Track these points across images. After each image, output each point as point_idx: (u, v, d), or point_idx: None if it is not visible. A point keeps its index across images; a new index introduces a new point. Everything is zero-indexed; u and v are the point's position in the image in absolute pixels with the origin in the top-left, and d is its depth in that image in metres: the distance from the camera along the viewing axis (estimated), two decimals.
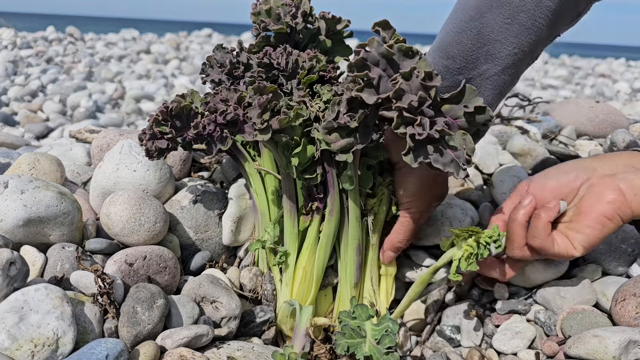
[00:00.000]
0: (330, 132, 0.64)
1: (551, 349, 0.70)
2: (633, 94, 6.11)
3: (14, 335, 0.55)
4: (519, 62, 0.61)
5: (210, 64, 0.83)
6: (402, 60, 0.61)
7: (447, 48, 0.63)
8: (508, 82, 0.63)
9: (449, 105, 0.60)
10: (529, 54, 0.60)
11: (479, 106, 0.59)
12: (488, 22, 0.59)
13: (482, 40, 0.60)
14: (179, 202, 0.85)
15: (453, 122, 0.60)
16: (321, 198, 0.76)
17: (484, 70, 0.61)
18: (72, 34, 7.13)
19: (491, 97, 0.63)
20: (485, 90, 0.63)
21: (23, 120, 3.21)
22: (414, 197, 0.74)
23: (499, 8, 0.58)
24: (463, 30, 0.61)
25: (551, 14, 0.57)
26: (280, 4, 0.80)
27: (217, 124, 0.68)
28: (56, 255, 0.70)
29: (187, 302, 0.70)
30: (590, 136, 1.22)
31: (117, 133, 0.97)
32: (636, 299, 0.67)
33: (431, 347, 0.83)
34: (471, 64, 0.62)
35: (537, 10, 0.57)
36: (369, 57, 0.61)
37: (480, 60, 0.61)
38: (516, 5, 0.57)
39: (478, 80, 0.63)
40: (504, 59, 0.60)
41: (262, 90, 0.67)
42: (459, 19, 0.62)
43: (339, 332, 0.62)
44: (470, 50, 0.61)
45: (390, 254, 0.78)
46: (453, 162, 0.59)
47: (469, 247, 0.66)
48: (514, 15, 0.57)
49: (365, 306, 0.65)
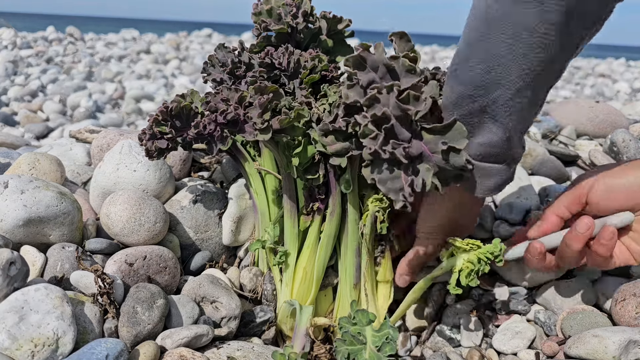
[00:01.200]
0: (327, 134, 0.63)
1: (551, 349, 0.70)
2: (633, 94, 6.11)
3: (14, 335, 0.55)
4: (532, 83, 0.56)
5: (212, 63, 0.83)
6: (404, 75, 0.59)
7: (459, 74, 0.59)
8: (526, 106, 0.57)
9: (431, 135, 0.57)
10: (543, 73, 0.55)
11: (453, 147, 0.55)
12: (491, 45, 0.55)
13: (488, 65, 0.56)
14: (179, 202, 0.85)
15: (430, 155, 0.57)
16: (322, 199, 0.76)
17: (497, 96, 0.57)
18: (72, 34, 7.13)
19: (511, 124, 0.58)
20: (502, 117, 0.58)
21: (23, 120, 3.21)
22: (437, 228, 0.71)
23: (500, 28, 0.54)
24: (469, 54, 0.57)
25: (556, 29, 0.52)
26: (281, 4, 0.80)
27: (218, 124, 0.68)
28: (56, 255, 0.70)
29: (187, 302, 0.70)
30: (590, 136, 1.22)
31: (117, 133, 0.97)
32: (636, 299, 0.67)
33: (431, 347, 0.82)
34: (482, 90, 0.57)
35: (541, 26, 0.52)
36: (368, 59, 0.60)
37: (490, 86, 0.57)
38: (517, 22, 0.53)
39: (493, 107, 0.57)
40: (515, 82, 0.55)
41: (262, 90, 0.67)
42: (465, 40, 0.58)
43: (339, 339, 0.62)
44: (480, 75, 0.57)
45: (405, 278, 0.75)
46: (400, 190, 0.57)
47: (469, 264, 0.65)
48: (517, 35, 0.53)
49: (366, 311, 0.65)
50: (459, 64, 0.58)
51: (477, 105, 0.58)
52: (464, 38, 0.58)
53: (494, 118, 0.58)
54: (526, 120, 0.59)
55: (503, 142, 0.59)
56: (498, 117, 0.58)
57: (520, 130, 0.60)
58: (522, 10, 0.52)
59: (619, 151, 1.01)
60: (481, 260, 0.65)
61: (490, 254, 0.65)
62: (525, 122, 0.59)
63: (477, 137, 0.60)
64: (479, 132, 0.60)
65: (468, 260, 0.65)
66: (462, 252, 0.67)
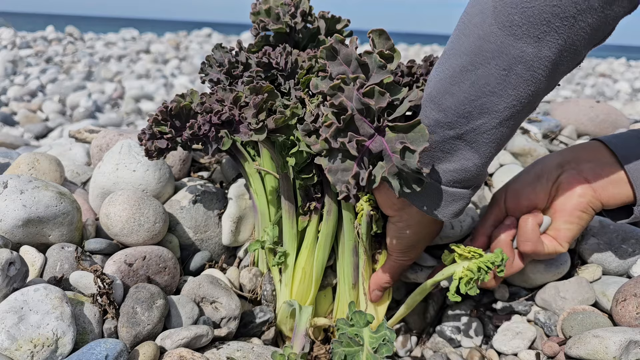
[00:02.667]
0: (309, 134, 0.63)
1: (552, 349, 0.70)
2: (633, 93, 6.11)
3: (14, 336, 0.55)
4: (518, 114, 0.56)
5: (209, 64, 0.83)
6: (375, 70, 0.58)
7: (438, 99, 0.58)
8: (506, 134, 0.58)
9: (394, 134, 0.56)
10: (528, 105, 0.56)
11: (408, 146, 0.54)
12: (483, 74, 0.54)
13: (477, 93, 0.55)
14: (179, 202, 0.85)
15: (390, 155, 0.56)
16: (319, 198, 0.76)
17: (479, 124, 0.56)
18: (72, 33, 7.13)
19: (488, 151, 0.59)
20: (482, 144, 0.58)
21: (22, 120, 3.21)
22: (408, 249, 0.73)
23: (495, 59, 0.53)
24: (455, 81, 0.56)
25: (550, 64, 0.53)
26: (279, 4, 0.80)
27: (212, 124, 0.67)
28: (55, 255, 0.70)
29: (187, 303, 0.70)
30: (590, 136, 1.22)
31: (117, 133, 0.97)
32: (637, 299, 0.67)
33: (431, 347, 0.82)
34: (463, 118, 0.57)
35: (536, 61, 0.52)
36: (340, 51, 0.59)
37: (473, 115, 0.56)
38: (513, 56, 0.52)
39: (472, 135, 0.57)
40: (502, 112, 0.55)
41: (258, 90, 0.66)
42: (451, 66, 0.57)
43: (336, 340, 0.62)
44: (463, 103, 0.56)
45: (377, 294, 0.77)
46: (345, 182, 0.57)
47: (469, 272, 0.65)
48: (511, 67, 0.53)
49: (363, 312, 0.65)
50: (441, 90, 0.58)
51: (453, 132, 0.58)
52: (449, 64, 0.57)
53: (471, 145, 0.58)
54: (500, 148, 0.61)
55: (477, 168, 0.60)
56: (476, 144, 0.58)
57: (493, 157, 0.61)
58: (521, 45, 0.52)
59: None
60: (481, 269, 0.65)
61: (490, 264, 0.65)
62: (499, 149, 0.61)
63: (449, 163, 0.60)
64: (452, 159, 0.60)
65: (468, 269, 0.65)
66: (463, 260, 0.67)
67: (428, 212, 0.64)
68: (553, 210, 0.72)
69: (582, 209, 0.70)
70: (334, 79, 0.60)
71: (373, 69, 0.58)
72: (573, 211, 0.70)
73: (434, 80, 0.59)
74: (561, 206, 0.71)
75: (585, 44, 0.53)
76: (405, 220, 0.69)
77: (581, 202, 0.69)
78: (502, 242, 0.73)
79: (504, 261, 0.65)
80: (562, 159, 0.73)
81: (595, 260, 0.80)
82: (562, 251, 0.71)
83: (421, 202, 0.63)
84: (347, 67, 0.60)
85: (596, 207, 0.70)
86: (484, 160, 0.60)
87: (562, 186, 0.71)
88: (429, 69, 0.68)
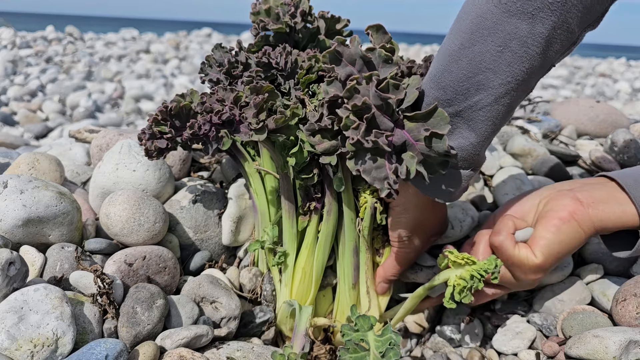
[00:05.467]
0: (314, 134, 0.63)
1: (551, 349, 0.69)
2: (634, 93, 6.11)
3: (14, 336, 0.55)
4: (513, 92, 0.58)
5: (209, 64, 0.83)
6: (381, 65, 0.59)
7: (438, 78, 0.60)
8: (503, 113, 0.59)
9: (413, 123, 0.57)
10: (522, 83, 0.57)
11: (435, 132, 0.55)
12: (479, 51, 0.56)
13: (474, 70, 0.57)
14: (179, 202, 0.85)
15: (414, 143, 0.57)
16: (319, 198, 0.76)
17: (476, 101, 0.58)
18: (72, 33, 7.13)
19: (484, 129, 0.60)
20: (478, 122, 0.60)
21: (22, 120, 3.21)
22: (407, 236, 0.73)
23: (491, 36, 0.55)
24: (454, 58, 0.58)
25: (544, 41, 0.54)
26: (279, 4, 0.80)
27: (213, 124, 0.67)
28: (55, 255, 0.70)
29: (187, 303, 0.70)
30: (591, 136, 1.22)
31: (117, 133, 0.97)
32: (637, 299, 0.67)
33: (431, 347, 0.82)
34: (461, 95, 0.58)
35: (530, 38, 0.54)
36: (344, 53, 0.60)
37: (470, 91, 0.58)
38: (508, 32, 0.54)
39: (469, 112, 0.59)
40: (497, 88, 0.57)
41: (258, 89, 0.66)
42: (451, 45, 0.59)
43: (343, 348, 0.62)
44: (461, 80, 0.58)
45: (384, 286, 0.77)
46: (385, 179, 0.57)
47: (462, 281, 0.64)
48: (506, 43, 0.55)
49: (367, 316, 0.64)
50: (440, 69, 0.60)
51: (452, 109, 0.60)
52: (449, 43, 0.59)
53: (468, 123, 0.60)
54: (497, 128, 0.61)
55: (473, 147, 0.61)
56: (473, 121, 0.60)
57: (490, 138, 0.62)
58: (515, 21, 0.54)
59: (619, 151, 1.01)
60: (474, 277, 0.63)
61: (484, 272, 0.63)
62: (496, 129, 0.61)
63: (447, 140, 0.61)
64: (450, 137, 0.61)
65: (461, 277, 0.64)
66: (457, 266, 0.66)
67: (426, 192, 0.65)
68: (537, 222, 0.70)
69: (563, 218, 0.66)
70: (343, 81, 0.60)
71: (378, 64, 0.59)
72: (552, 219, 0.67)
73: (435, 61, 0.61)
74: (543, 215, 0.69)
75: (578, 22, 0.55)
76: (402, 203, 0.70)
77: (564, 211, 0.66)
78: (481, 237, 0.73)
79: (497, 268, 0.64)
80: (558, 184, 0.73)
81: (595, 260, 0.80)
82: (535, 262, 0.67)
83: (418, 182, 0.65)
84: (352, 67, 0.60)
85: (584, 223, 0.66)
86: (481, 140, 0.61)
87: (550, 199, 0.70)
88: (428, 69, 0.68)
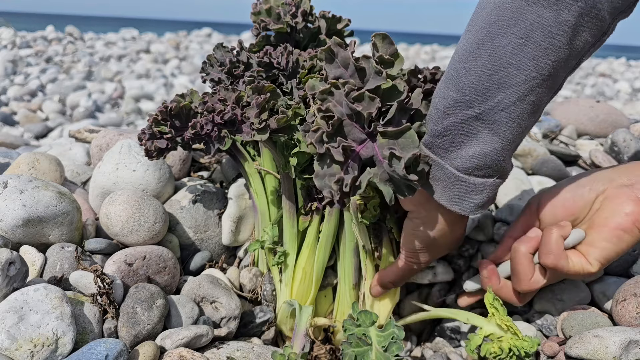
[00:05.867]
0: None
1: (552, 349, 0.69)
2: (634, 93, 6.11)
3: (14, 336, 0.55)
4: (538, 88, 0.52)
5: (210, 63, 0.83)
6: (372, 76, 0.57)
7: (456, 77, 0.55)
8: (528, 113, 0.54)
9: (385, 140, 0.55)
10: (548, 79, 0.52)
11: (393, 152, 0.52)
12: (499, 45, 0.51)
13: (494, 66, 0.52)
14: (179, 202, 0.85)
15: (381, 160, 0.54)
16: (320, 198, 0.76)
17: (498, 101, 0.53)
18: (72, 33, 7.13)
19: (509, 132, 0.55)
20: (502, 124, 0.54)
21: (22, 120, 3.21)
22: (419, 250, 0.68)
23: (512, 27, 0.50)
24: (472, 55, 0.53)
25: (570, 30, 0.49)
26: (280, 4, 0.80)
27: (215, 124, 0.67)
28: (55, 255, 0.70)
29: (187, 302, 0.70)
30: (591, 136, 1.22)
31: (117, 133, 0.97)
32: (637, 299, 0.67)
33: (431, 347, 0.82)
34: (481, 95, 0.53)
35: (555, 27, 0.49)
36: (339, 54, 0.59)
37: (491, 91, 0.53)
38: (531, 22, 0.49)
39: (491, 114, 0.54)
40: (521, 85, 0.52)
41: (260, 89, 0.66)
42: (468, 42, 0.54)
43: (345, 342, 0.62)
44: (480, 79, 0.53)
45: (378, 289, 0.74)
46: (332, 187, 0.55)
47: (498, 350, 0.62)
48: (529, 34, 0.49)
49: (369, 312, 0.65)
50: (458, 67, 0.55)
51: (472, 112, 0.54)
52: (466, 39, 0.55)
53: (490, 126, 0.55)
54: (523, 131, 0.56)
55: (497, 152, 0.56)
56: (496, 124, 0.54)
57: (515, 142, 0.57)
58: (538, 9, 0.49)
59: (619, 151, 1.01)
60: (512, 352, 0.61)
61: (523, 350, 0.61)
62: (522, 133, 0.56)
63: (467, 147, 0.56)
64: (470, 143, 0.56)
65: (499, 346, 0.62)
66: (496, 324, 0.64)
67: (447, 204, 0.59)
68: (590, 224, 0.64)
69: (626, 229, 0.60)
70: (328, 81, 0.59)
71: (370, 74, 0.57)
72: (614, 229, 0.61)
73: (453, 59, 0.56)
74: (602, 221, 0.62)
75: (609, 8, 0.49)
76: (422, 217, 0.65)
77: (627, 220, 0.60)
78: (520, 254, 0.66)
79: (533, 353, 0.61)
80: (614, 172, 0.65)
81: None
82: (591, 271, 0.62)
83: (440, 194, 0.60)
84: (345, 70, 0.59)
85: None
86: (505, 144, 0.55)
87: (608, 200, 0.63)
88: None
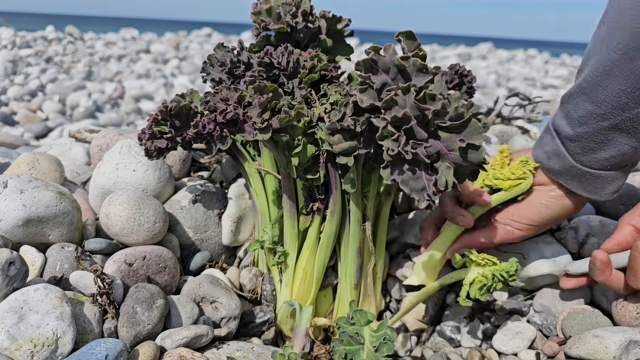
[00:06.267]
0: (334, 133, 0.63)
1: (552, 349, 0.69)
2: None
3: (14, 336, 0.55)
4: None
5: (211, 63, 0.83)
6: (415, 74, 0.59)
7: (590, 91, 0.58)
8: None
9: (447, 134, 0.57)
10: None
11: (472, 144, 0.55)
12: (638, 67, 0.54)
13: (633, 85, 0.55)
14: (179, 202, 0.85)
15: (447, 153, 0.57)
16: (322, 199, 0.76)
17: (637, 113, 0.57)
18: (72, 33, 7.13)
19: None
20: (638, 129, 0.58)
21: (22, 120, 3.21)
22: (529, 223, 0.71)
23: None
24: (608, 74, 0.56)
25: None
26: (280, 4, 0.80)
27: (217, 123, 0.67)
28: (55, 255, 0.70)
29: (187, 302, 0.70)
30: None
31: (117, 133, 0.97)
32: (637, 299, 0.67)
33: (431, 347, 0.82)
34: (618, 109, 0.57)
35: None
36: (379, 61, 0.60)
37: (629, 105, 0.56)
38: None
39: (628, 123, 0.58)
40: None
41: (262, 89, 0.66)
42: (603, 59, 0.57)
43: (337, 339, 0.62)
44: (618, 95, 0.56)
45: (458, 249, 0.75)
46: (422, 190, 0.57)
47: (483, 278, 0.66)
48: None
49: (364, 311, 0.65)
50: (592, 83, 0.58)
51: (607, 123, 0.58)
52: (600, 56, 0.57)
53: (627, 132, 0.58)
54: None
55: (634, 149, 0.60)
56: (634, 130, 0.58)
57: None
58: None
59: None
60: (495, 277, 0.66)
61: (505, 272, 0.65)
62: None
63: (603, 152, 0.61)
64: (606, 148, 0.60)
65: (482, 275, 0.66)
66: (476, 266, 0.68)
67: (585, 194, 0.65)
68: None
69: None
70: (378, 90, 0.60)
71: (412, 72, 0.59)
72: None
73: (585, 72, 0.60)
74: None
75: None
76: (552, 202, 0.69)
77: None
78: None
79: (517, 271, 0.66)
80: None
81: None
82: None
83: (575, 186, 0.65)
84: (386, 75, 0.60)
85: None
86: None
87: None
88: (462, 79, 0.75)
